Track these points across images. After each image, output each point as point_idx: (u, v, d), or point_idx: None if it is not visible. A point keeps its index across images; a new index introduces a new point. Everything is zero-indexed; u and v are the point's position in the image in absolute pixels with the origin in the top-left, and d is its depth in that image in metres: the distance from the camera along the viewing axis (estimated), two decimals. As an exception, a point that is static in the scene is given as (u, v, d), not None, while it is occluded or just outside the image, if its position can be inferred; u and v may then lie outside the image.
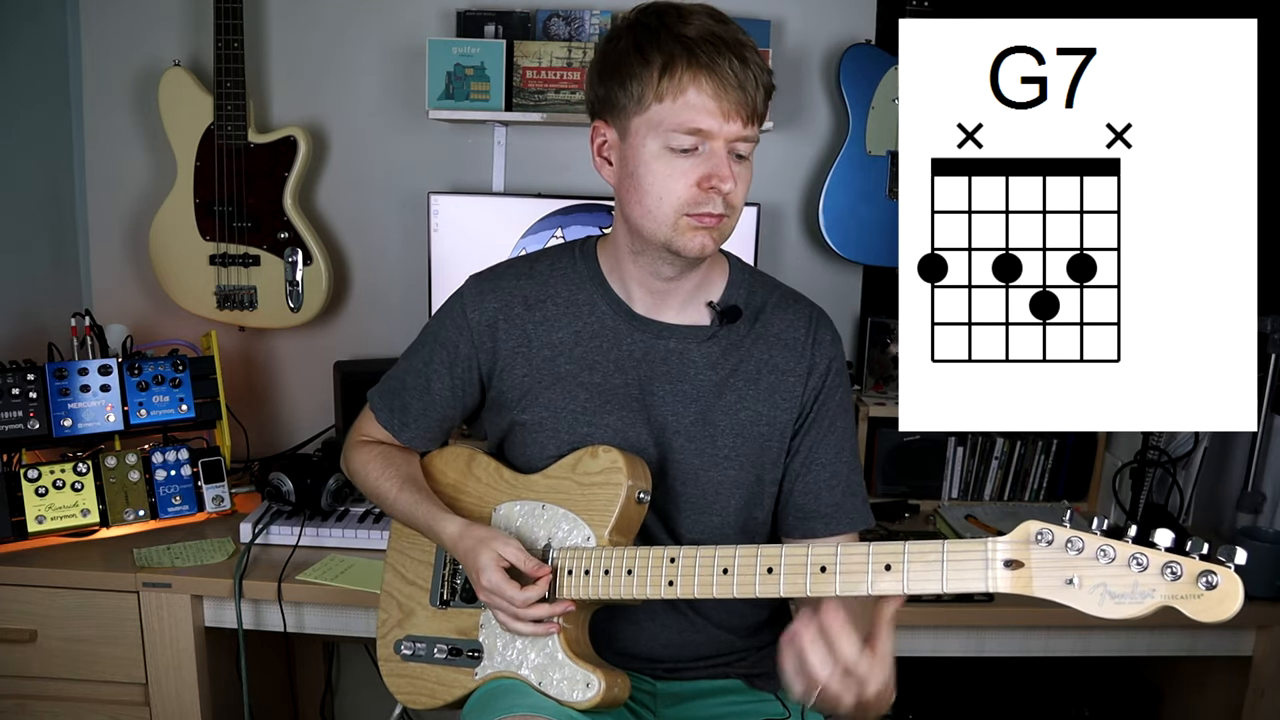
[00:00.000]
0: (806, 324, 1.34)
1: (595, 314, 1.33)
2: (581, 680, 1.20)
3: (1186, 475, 2.11)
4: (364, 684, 2.51)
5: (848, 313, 2.41)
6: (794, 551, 1.09)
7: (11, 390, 1.86)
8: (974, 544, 1.01)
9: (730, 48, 1.15)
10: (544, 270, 1.37)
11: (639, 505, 1.23)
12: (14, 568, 1.74)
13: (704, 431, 1.30)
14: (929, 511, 2.19)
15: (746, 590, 1.11)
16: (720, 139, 1.17)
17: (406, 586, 1.40)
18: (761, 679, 1.40)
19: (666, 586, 1.15)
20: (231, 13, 2.09)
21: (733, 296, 1.34)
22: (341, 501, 1.97)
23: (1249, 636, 1.82)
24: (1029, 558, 0.98)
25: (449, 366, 1.37)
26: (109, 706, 1.78)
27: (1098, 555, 0.94)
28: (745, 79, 1.15)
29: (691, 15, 1.18)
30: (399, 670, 1.37)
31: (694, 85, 1.15)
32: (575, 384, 1.31)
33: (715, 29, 1.16)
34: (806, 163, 2.35)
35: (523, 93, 2.16)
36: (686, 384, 1.31)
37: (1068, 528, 0.97)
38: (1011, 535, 0.99)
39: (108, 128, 2.32)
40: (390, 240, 2.36)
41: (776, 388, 1.32)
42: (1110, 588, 0.94)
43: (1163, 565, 0.92)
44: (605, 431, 1.30)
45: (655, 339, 1.31)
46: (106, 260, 2.37)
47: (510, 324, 1.33)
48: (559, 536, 1.25)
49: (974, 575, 1.00)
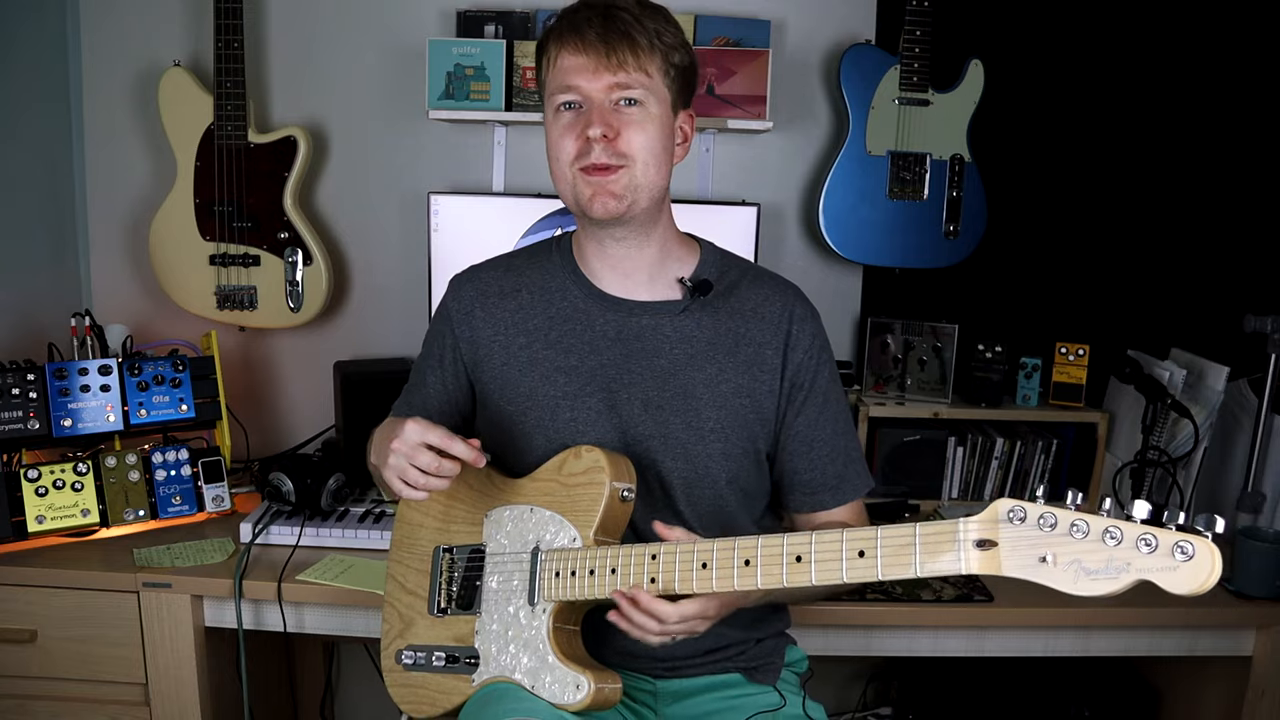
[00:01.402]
0: (781, 298, 1.38)
1: (567, 298, 1.36)
2: (572, 682, 1.20)
3: (1186, 475, 2.11)
4: (364, 684, 2.51)
5: (848, 313, 2.41)
6: (770, 542, 1.10)
7: (11, 390, 1.86)
8: (946, 525, 0.99)
9: (599, 12, 1.25)
10: (521, 263, 1.43)
11: (623, 503, 1.25)
12: (14, 568, 1.74)
13: (687, 405, 1.32)
14: (929, 511, 2.19)
15: (725, 584, 1.12)
16: (594, 91, 1.25)
17: (406, 596, 1.40)
18: (760, 672, 1.41)
19: (649, 583, 1.16)
20: (231, 13, 2.09)
21: (704, 274, 1.37)
22: (341, 501, 1.97)
23: (1249, 636, 1.82)
24: (1001, 536, 0.96)
25: (439, 359, 1.43)
26: (109, 706, 1.78)
27: (1071, 530, 0.92)
28: (609, 33, 1.24)
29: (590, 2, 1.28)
30: (402, 680, 1.38)
31: (564, 50, 1.27)
32: (552, 369, 1.34)
33: (598, 3, 1.26)
34: (806, 163, 2.35)
35: (523, 93, 2.16)
36: (663, 359, 1.33)
37: (1040, 504, 0.94)
38: (982, 514, 0.97)
39: (108, 128, 2.32)
40: (390, 240, 2.36)
41: (755, 360, 1.35)
42: (1085, 564, 0.91)
43: (1138, 537, 0.89)
44: (588, 414, 1.32)
45: (628, 317, 1.34)
46: (106, 260, 2.37)
47: (487, 312, 1.38)
48: (546, 539, 1.26)
49: (947, 558, 0.99)
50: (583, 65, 1.25)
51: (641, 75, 1.25)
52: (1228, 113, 2.28)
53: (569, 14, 1.28)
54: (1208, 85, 2.28)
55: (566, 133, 1.27)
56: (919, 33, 2.16)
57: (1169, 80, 2.28)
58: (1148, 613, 1.78)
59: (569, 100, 1.27)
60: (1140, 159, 2.32)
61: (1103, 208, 2.35)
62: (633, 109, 1.26)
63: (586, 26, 1.24)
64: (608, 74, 1.24)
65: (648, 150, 1.27)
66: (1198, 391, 2.09)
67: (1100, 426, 2.21)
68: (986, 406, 2.23)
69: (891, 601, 1.76)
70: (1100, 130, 2.32)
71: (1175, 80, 2.28)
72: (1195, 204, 2.32)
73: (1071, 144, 2.32)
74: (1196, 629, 1.80)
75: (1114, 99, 2.30)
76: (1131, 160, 2.32)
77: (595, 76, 1.24)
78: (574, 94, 1.26)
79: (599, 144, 1.24)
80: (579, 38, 1.25)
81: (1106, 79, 2.30)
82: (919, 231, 2.24)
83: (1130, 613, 1.78)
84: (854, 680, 2.49)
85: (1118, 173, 2.33)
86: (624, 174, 1.26)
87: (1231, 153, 2.30)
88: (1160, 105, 2.29)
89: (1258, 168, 2.29)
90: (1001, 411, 2.24)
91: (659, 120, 1.28)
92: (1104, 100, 2.30)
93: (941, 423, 2.22)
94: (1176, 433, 2.08)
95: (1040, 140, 2.32)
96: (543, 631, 1.23)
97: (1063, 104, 2.30)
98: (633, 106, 1.26)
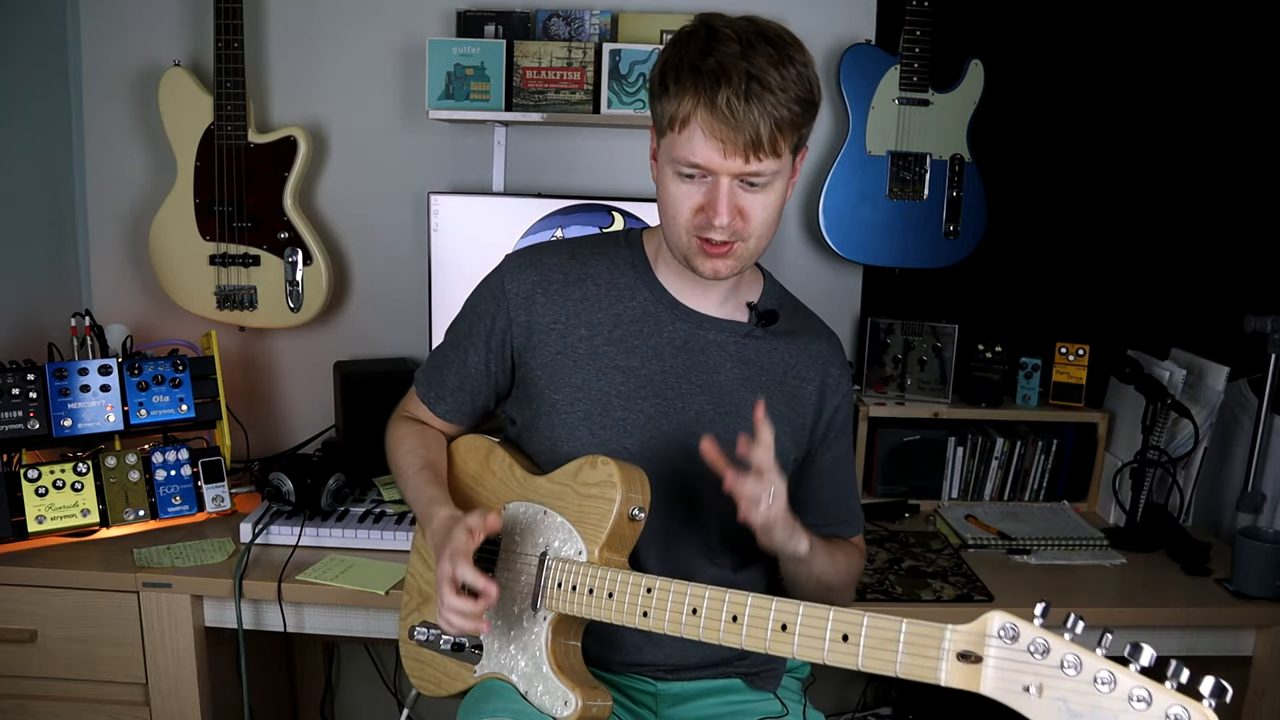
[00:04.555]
0: (826, 338, 1.42)
1: (637, 299, 1.35)
2: (561, 697, 1.21)
3: (1186, 475, 2.10)
4: (364, 684, 2.51)
5: (848, 313, 2.41)
6: (759, 604, 1.08)
7: (11, 390, 1.86)
8: (932, 630, 0.94)
9: (742, 81, 1.14)
10: (586, 252, 1.39)
11: (633, 522, 1.23)
12: (14, 568, 1.74)
13: (737, 424, 1.30)
14: (929, 511, 2.20)
15: (711, 635, 1.10)
16: (724, 171, 1.18)
17: (427, 573, 1.41)
18: (760, 678, 1.41)
19: (641, 617, 1.16)
20: (231, 13, 2.09)
21: (769, 302, 1.39)
22: (341, 501, 1.97)
23: (1249, 636, 1.82)
24: (988, 654, 0.88)
25: (485, 339, 1.38)
26: (109, 706, 1.78)
27: (1063, 665, 0.84)
28: (746, 117, 1.14)
29: (720, 41, 1.17)
30: (413, 654, 1.40)
31: (696, 121, 1.17)
32: (610, 366, 1.32)
33: (732, 60, 1.15)
34: (806, 163, 2.34)
35: (523, 93, 2.16)
36: (721, 376, 1.34)
37: (1036, 625, 0.87)
38: (971, 625, 0.90)
39: (108, 128, 2.32)
40: (390, 240, 2.36)
41: (796, 394, 1.37)
42: (1070, 704, 0.83)
43: (1131, 690, 0.81)
44: (639, 416, 1.31)
45: (696, 329, 1.34)
46: (106, 260, 2.37)
47: (549, 298, 1.34)
48: (555, 546, 1.26)
49: (928, 664, 0.93)
50: (714, 147, 1.16)
51: (772, 160, 1.18)
52: (1228, 113, 2.28)
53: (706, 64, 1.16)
54: (1208, 85, 2.28)
55: (686, 199, 1.22)
56: (919, 33, 2.16)
57: (1169, 80, 2.28)
58: (1148, 613, 1.78)
59: (691, 172, 1.20)
60: (1140, 159, 2.32)
61: (1102, 207, 2.35)
62: (759, 187, 1.21)
63: (725, 102, 1.14)
64: (739, 160, 1.17)
65: (765, 224, 1.24)
66: (1198, 391, 2.09)
67: (1100, 426, 2.21)
68: (986, 406, 2.23)
69: (892, 601, 1.76)
70: (1100, 130, 2.32)
71: (1175, 80, 2.28)
72: (1195, 204, 2.32)
73: (1071, 144, 2.32)
74: (1196, 629, 1.80)
75: (1114, 99, 2.30)
76: (1131, 160, 2.32)
77: (725, 160, 1.17)
78: (701, 170, 1.19)
79: (721, 228, 1.20)
80: (716, 115, 1.15)
81: (1106, 79, 2.30)
82: (919, 231, 2.24)
83: (1130, 613, 1.79)
84: (854, 680, 2.49)
85: (1117, 172, 2.33)
86: (740, 247, 1.24)
87: (1231, 153, 2.30)
88: (1160, 105, 2.29)
89: (1258, 168, 2.29)
90: (1001, 411, 2.24)
91: (781, 189, 1.24)
92: (1104, 100, 2.30)
93: (941, 423, 2.22)
94: (1176, 433, 2.08)
95: (1040, 140, 2.32)
96: (542, 639, 1.24)
97: (1063, 104, 2.30)
98: (759, 186, 1.21)
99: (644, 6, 2.25)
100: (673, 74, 1.19)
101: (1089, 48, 2.28)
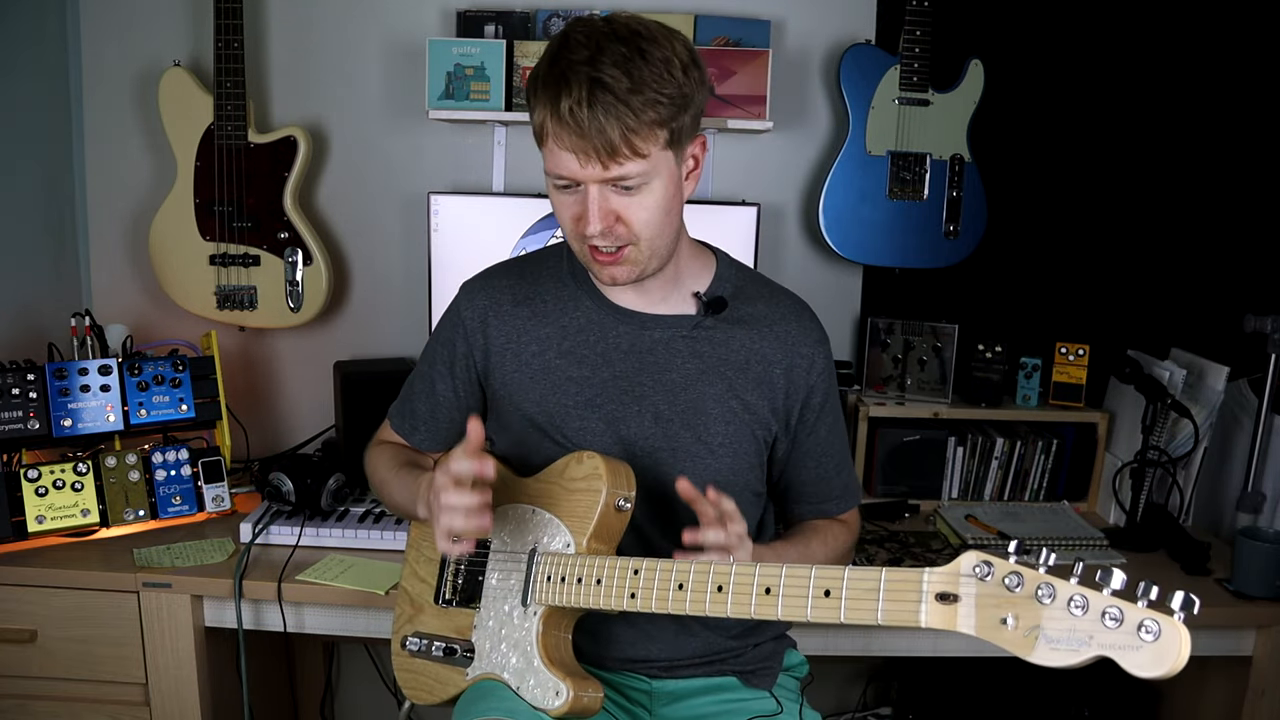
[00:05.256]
0: (795, 316, 1.38)
1: (581, 308, 1.35)
2: (552, 688, 1.21)
3: (1186, 475, 2.10)
4: (364, 684, 2.51)
5: (848, 313, 2.41)
6: (743, 571, 1.09)
7: (11, 390, 1.86)
8: (910, 575, 0.95)
9: (582, 88, 1.11)
10: (533, 269, 1.40)
11: (619, 513, 1.24)
12: (14, 568, 1.74)
13: (697, 419, 1.32)
14: (929, 511, 2.19)
15: (698, 607, 1.12)
16: (588, 179, 1.17)
17: (419, 584, 1.42)
18: (755, 676, 1.41)
19: (629, 599, 1.16)
20: (231, 13, 2.09)
21: (719, 289, 1.36)
22: (341, 501, 1.97)
23: (1249, 636, 1.82)
24: (963, 592, 0.91)
25: (449, 366, 1.41)
26: (109, 706, 1.78)
27: (1037, 593, 0.86)
28: (592, 124, 1.11)
29: (570, 48, 1.14)
30: (405, 664, 1.40)
31: (553, 134, 1.15)
32: (564, 379, 1.33)
33: (575, 67, 1.12)
34: (806, 163, 2.35)
35: (523, 93, 2.16)
36: (674, 373, 1.33)
37: (1010, 561, 0.89)
38: (947, 567, 0.92)
39: (108, 128, 2.32)
40: (390, 240, 2.36)
41: (763, 378, 1.34)
42: (1047, 631, 0.85)
43: (1103, 609, 0.83)
44: (598, 424, 1.32)
45: (641, 330, 1.33)
46: (106, 260, 2.37)
47: (500, 320, 1.36)
48: (544, 542, 1.27)
49: (909, 609, 0.94)
50: (570, 157, 1.15)
51: (636, 162, 1.15)
52: (1228, 113, 2.28)
53: (551, 74, 1.14)
54: (1208, 85, 2.28)
55: (567, 209, 1.21)
56: (919, 33, 2.16)
57: (1169, 80, 2.28)
58: (1148, 613, 1.78)
59: (562, 183, 1.19)
60: (1140, 159, 2.32)
61: (1102, 207, 2.35)
62: (635, 189, 1.18)
63: (570, 114, 1.11)
64: (599, 167, 1.14)
65: (653, 225, 1.21)
66: (1198, 391, 2.09)
67: (1100, 426, 2.21)
68: (986, 406, 2.23)
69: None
70: (1100, 130, 2.32)
71: (1175, 80, 2.28)
72: (1195, 204, 2.32)
73: (1071, 144, 2.32)
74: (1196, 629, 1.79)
75: (1114, 99, 2.30)
76: (1131, 160, 2.32)
77: (584, 168, 1.15)
78: (566, 179, 1.18)
79: (598, 235, 1.19)
80: (566, 126, 1.12)
81: (1106, 79, 2.30)
82: (919, 231, 2.24)
83: (1130, 613, 1.79)
84: (854, 680, 2.50)
85: (1117, 173, 2.33)
86: (630, 250, 1.22)
87: (1231, 153, 2.30)
88: (1160, 105, 2.29)
89: (1258, 168, 2.29)
90: (1001, 411, 2.24)
91: (662, 186, 1.20)
92: (1104, 100, 2.30)
93: (941, 423, 2.22)
94: (1176, 433, 2.08)
95: (1040, 140, 2.32)
96: (532, 634, 1.25)
97: (1063, 104, 2.30)
98: (634, 188, 1.18)
99: (643, 6, 2.25)
100: (530, 86, 1.18)
101: (1089, 48, 2.28)
